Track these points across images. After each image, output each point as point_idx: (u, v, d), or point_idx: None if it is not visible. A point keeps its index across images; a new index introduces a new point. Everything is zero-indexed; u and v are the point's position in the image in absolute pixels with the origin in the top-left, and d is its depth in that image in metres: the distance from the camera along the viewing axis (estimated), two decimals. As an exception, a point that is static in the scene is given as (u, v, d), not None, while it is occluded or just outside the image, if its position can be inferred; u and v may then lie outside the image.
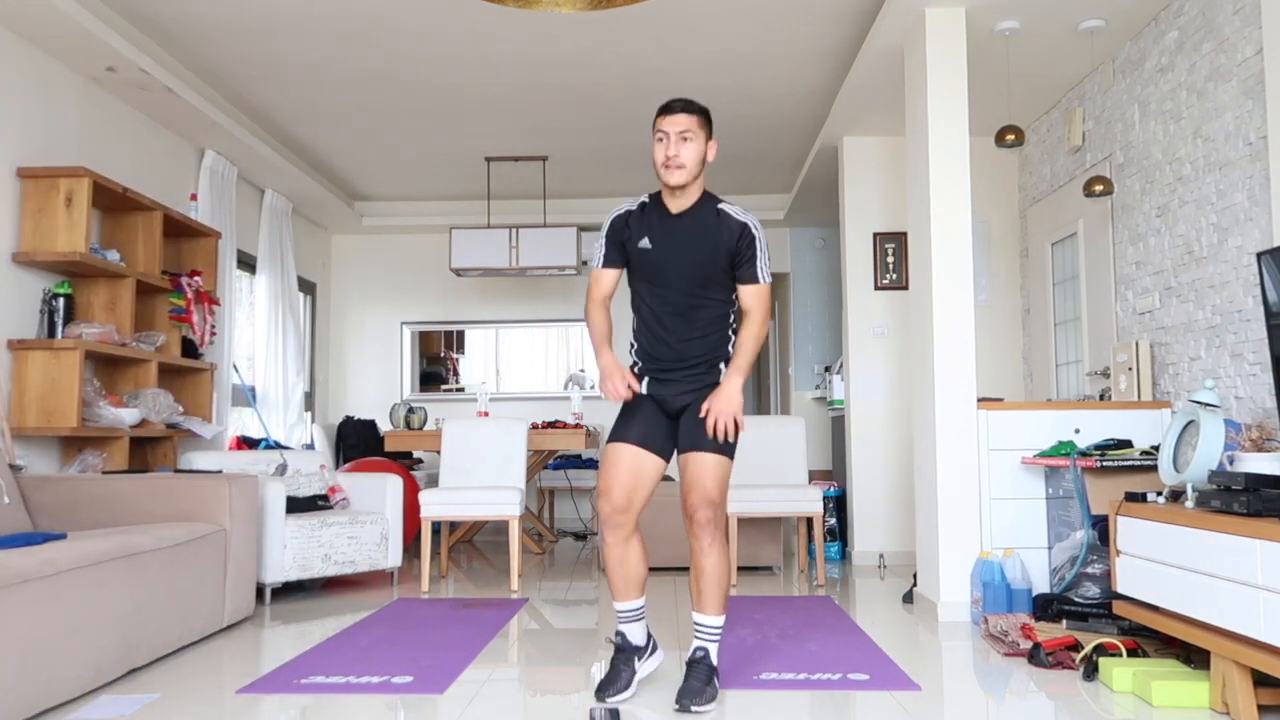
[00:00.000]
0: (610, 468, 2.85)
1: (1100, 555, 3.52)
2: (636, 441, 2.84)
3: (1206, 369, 3.88)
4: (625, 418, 2.90)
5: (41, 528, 3.65)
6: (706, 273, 2.83)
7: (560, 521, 8.12)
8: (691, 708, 2.68)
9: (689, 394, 2.87)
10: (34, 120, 4.31)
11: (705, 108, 2.85)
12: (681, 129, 2.77)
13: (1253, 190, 3.57)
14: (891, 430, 5.80)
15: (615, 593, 2.90)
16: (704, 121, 2.82)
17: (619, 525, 2.84)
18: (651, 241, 2.85)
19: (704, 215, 2.85)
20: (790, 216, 7.67)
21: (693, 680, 2.75)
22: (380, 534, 4.86)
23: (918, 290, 4.28)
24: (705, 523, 2.80)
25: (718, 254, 2.82)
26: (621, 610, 2.90)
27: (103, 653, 2.92)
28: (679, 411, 2.89)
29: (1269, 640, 2.41)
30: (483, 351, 8.40)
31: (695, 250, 2.82)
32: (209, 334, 5.31)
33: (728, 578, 2.86)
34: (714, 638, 2.84)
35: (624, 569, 2.87)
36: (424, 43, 4.73)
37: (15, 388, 4.16)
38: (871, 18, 4.45)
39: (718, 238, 2.82)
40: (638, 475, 2.84)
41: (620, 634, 2.90)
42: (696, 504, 2.80)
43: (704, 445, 2.80)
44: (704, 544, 2.81)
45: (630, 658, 2.88)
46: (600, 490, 2.87)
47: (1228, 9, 3.69)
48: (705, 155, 2.82)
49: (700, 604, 2.84)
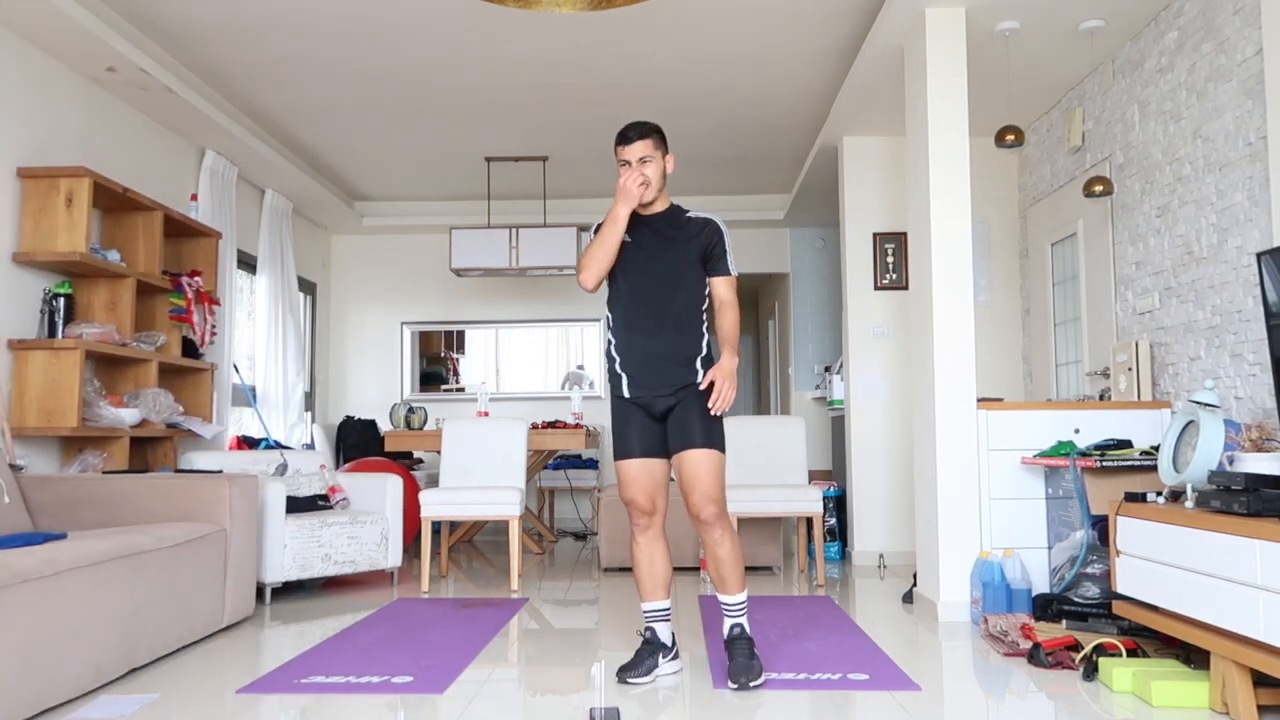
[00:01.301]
0: (630, 482, 3.08)
1: (1100, 555, 3.52)
2: (641, 453, 3.07)
3: (1206, 369, 3.88)
4: (622, 434, 3.11)
5: (41, 528, 3.65)
6: (678, 267, 3.07)
7: (560, 521, 8.12)
8: (750, 684, 2.89)
9: (670, 396, 3.05)
10: (34, 120, 4.31)
11: (657, 126, 3.09)
12: (640, 155, 3.04)
13: (1252, 190, 3.57)
14: (891, 430, 5.80)
15: (643, 593, 3.13)
16: (659, 141, 3.08)
17: (648, 527, 3.10)
18: (632, 236, 3.09)
19: (674, 217, 3.13)
20: (790, 216, 7.67)
21: (739, 657, 2.95)
22: (380, 534, 4.86)
23: (918, 290, 4.28)
24: (712, 519, 3.01)
25: (689, 249, 3.08)
26: (649, 610, 3.12)
27: (103, 653, 2.93)
28: (664, 414, 3.07)
29: (1269, 640, 2.41)
30: (483, 351, 8.40)
31: (670, 245, 3.08)
32: (209, 334, 5.32)
33: (743, 559, 3.09)
34: (742, 612, 3.05)
35: (651, 568, 3.11)
36: (424, 43, 4.73)
37: (15, 388, 4.16)
38: (871, 18, 4.45)
39: (687, 233, 3.10)
40: (653, 480, 3.08)
41: (650, 628, 3.13)
42: (700, 503, 3.00)
43: (694, 443, 3.00)
44: (715, 537, 3.02)
45: (655, 651, 3.09)
46: (626, 502, 3.11)
47: (1228, 9, 3.69)
48: (665, 169, 3.09)
49: (724, 587, 3.05)
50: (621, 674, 3.03)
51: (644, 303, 3.05)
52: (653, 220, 3.10)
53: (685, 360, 3.04)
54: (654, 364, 3.03)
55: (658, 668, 3.07)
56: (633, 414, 3.08)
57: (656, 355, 3.03)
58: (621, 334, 3.09)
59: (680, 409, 3.02)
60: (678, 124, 5.96)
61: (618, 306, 3.11)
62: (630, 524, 3.14)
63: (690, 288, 3.07)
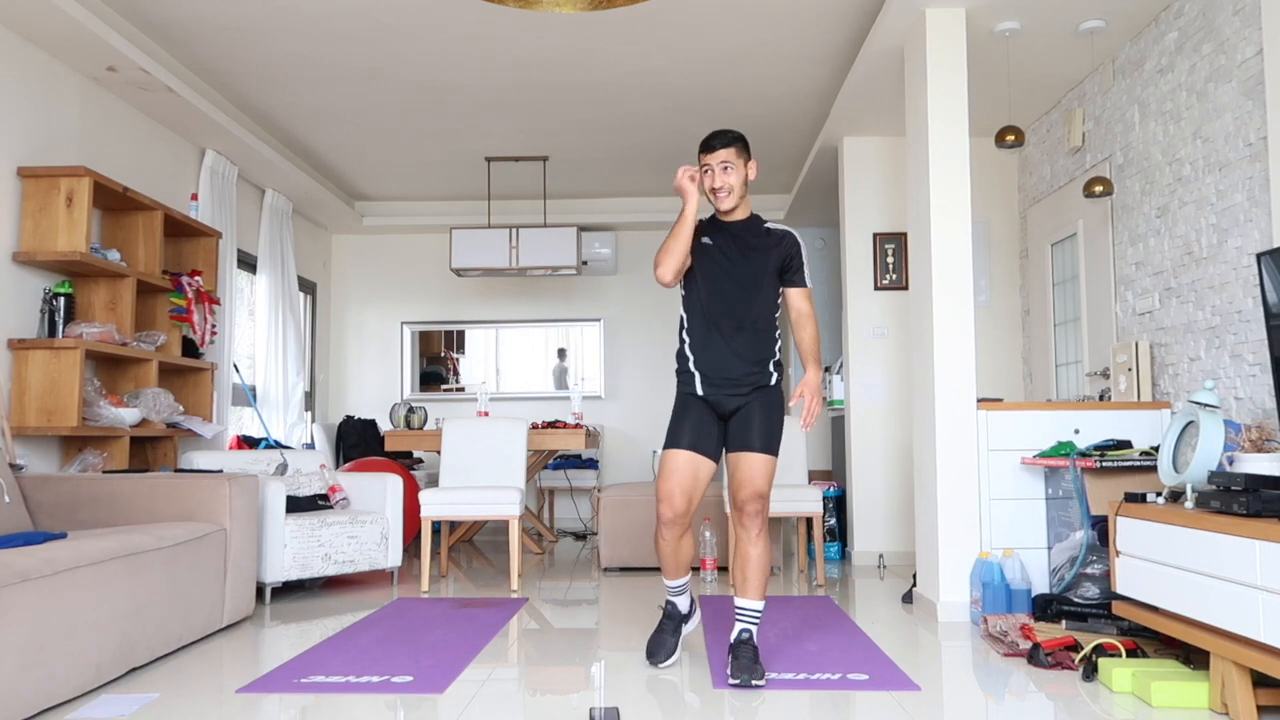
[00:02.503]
0: (671, 474, 3.13)
1: (1100, 555, 3.52)
2: (690, 447, 3.14)
3: (1206, 369, 3.88)
4: (678, 422, 3.18)
5: (41, 527, 3.65)
6: (758, 274, 3.18)
7: (560, 521, 8.12)
8: (752, 682, 2.94)
9: (742, 396, 3.17)
10: (34, 120, 4.31)
11: (740, 135, 3.20)
12: (721, 160, 3.15)
13: (1252, 191, 3.57)
14: (891, 430, 5.80)
15: (667, 573, 3.28)
16: (741, 149, 3.18)
17: (677, 525, 3.18)
18: (712, 240, 3.23)
19: (754, 226, 3.25)
20: (790, 217, 7.66)
21: (743, 659, 2.99)
22: (380, 533, 4.86)
23: (917, 290, 4.28)
24: (755, 514, 3.11)
25: (768, 258, 3.19)
26: (671, 586, 3.30)
27: (103, 652, 2.93)
28: (731, 414, 3.18)
29: (1268, 640, 2.41)
30: (483, 351, 8.40)
31: (749, 251, 3.19)
32: (209, 334, 5.32)
33: (769, 568, 3.16)
34: (755, 619, 3.10)
35: (677, 556, 3.25)
36: (424, 43, 4.73)
37: (16, 387, 4.16)
38: (871, 18, 4.45)
39: (767, 243, 3.21)
40: (695, 479, 3.14)
41: (670, 602, 3.30)
42: (748, 498, 3.11)
43: (755, 445, 3.12)
44: (752, 534, 3.11)
45: (677, 625, 3.29)
46: (661, 496, 3.15)
47: (1228, 10, 3.69)
48: (747, 176, 3.20)
49: (744, 589, 3.11)
50: (651, 659, 3.21)
51: (722, 306, 3.17)
52: (734, 227, 3.23)
53: (759, 362, 3.17)
54: (730, 364, 3.15)
55: (680, 642, 3.30)
56: (697, 410, 3.18)
57: (734, 356, 3.15)
58: (699, 334, 3.20)
59: (747, 409, 3.15)
60: (678, 124, 5.96)
61: (695, 306, 3.22)
62: (657, 518, 3.19)
63: (767, 295, 3.19)
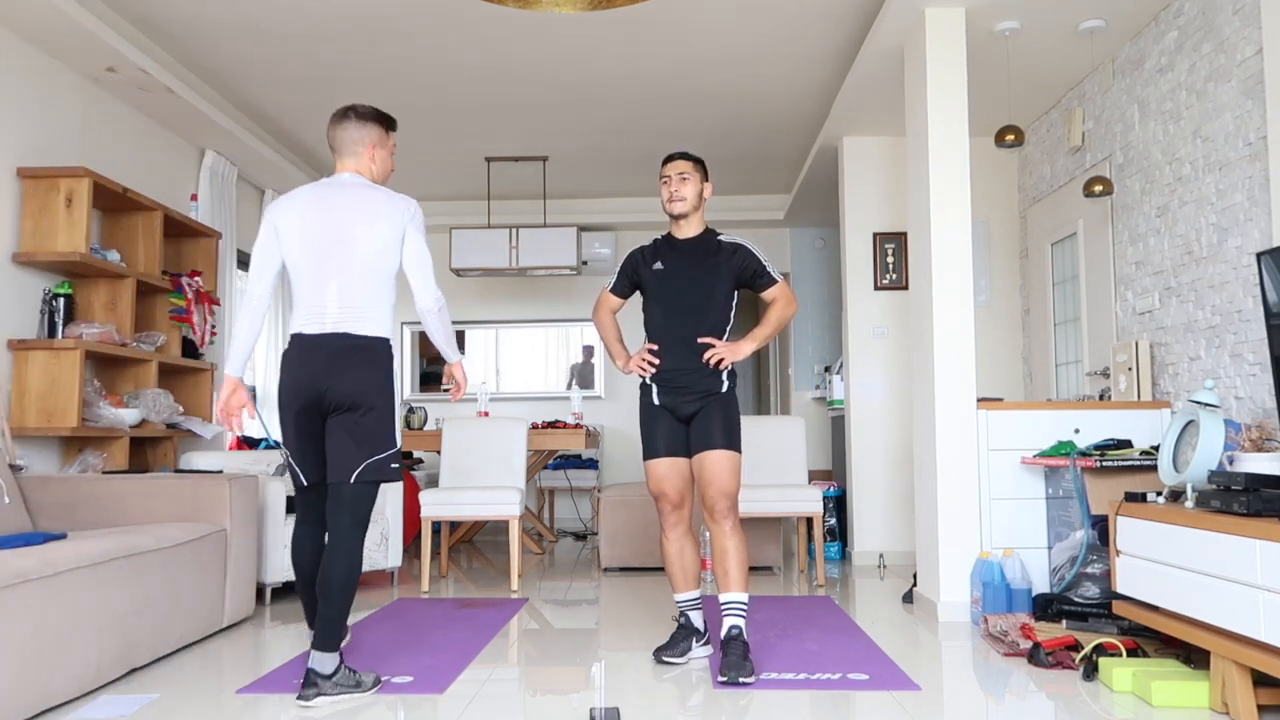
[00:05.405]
0: (660, 479, 3.31)
1: (1100, 555, 3.52)
2: (668, 452, 3.31)
3: (1206, 369, 3.88)
4: (650, 434, 3.34)
5: (41, 528, 3.65)
6: (711, 288, 3.31)
7: (560, 521, 8.12)
8: (740, 680, 2.97)
9: (697, 401, 3.28)
10: (34, 120, 4.31)
11: (699, 157, 3.41)
12: (680, 171, 3.34)
13: (1252, 190, 3.57)
14: (891, 430, 5.80)
15: (675, 585, 3.37)
16: (698, 166, 3.38)
17: (678, 521, 3.31)
18: (664, 264, 3.36)
19: (706, 241, 3.38)
20: (790, 216, 7.67)
21: (732, 656, 3.03)
22: (380, 534, 4.86)
23: (917, 290, 4.28)
24: (725, 512, 3.22)
25: (720, 273, 3.32)
26: (681, 600, 3.36)
27: (103, 653, 2.93)
28: (689, 418, 3.30)
29: (1269, 640, 2.41)
30: (483, 352, 8.40)
31: (700, 268, 3.33)
32: (209, 334, 5.32)
33: (747, 560, 3.24)
34: (742, 613, 3.15)
35: (681, 560, 3.34)
36: (424, 43, 4.73)
37: (15, 388, 4.16)
38: (871, 18, 4.45)
39: (718, 258, 3.33)
40: (681, 476, 3.31)
41: (684, 614, 3.37)
42: (715, 497, 3.21)
43: (717, 443, 3.23)
44: (725, 529, 3.21)
45: (690, 635, 3.34)
46: (656, 496, 3.33)
47: (1227, 9, 3.69)
48: (702, 192, 3.37)
49: (726, 584, 3.19)
50: (658, 654, 3.30)
51: (675, 326, 3.31)
52: (686, 245, 3.37)
53: (713, 374, 3.29)
54: (682, 379, 3.29)
55: (691, 650, 3.31)
56: (661, 418, 3.33)
57: (686, 371, 3.28)
58: (657, 349, 3.33)
59: (705, 412, 3.27)
60: (678, 124, 5.96)
61: (652, 328, 3.37)
62: (660, 522, 3.34)
63: (718, 310, 3.33)
